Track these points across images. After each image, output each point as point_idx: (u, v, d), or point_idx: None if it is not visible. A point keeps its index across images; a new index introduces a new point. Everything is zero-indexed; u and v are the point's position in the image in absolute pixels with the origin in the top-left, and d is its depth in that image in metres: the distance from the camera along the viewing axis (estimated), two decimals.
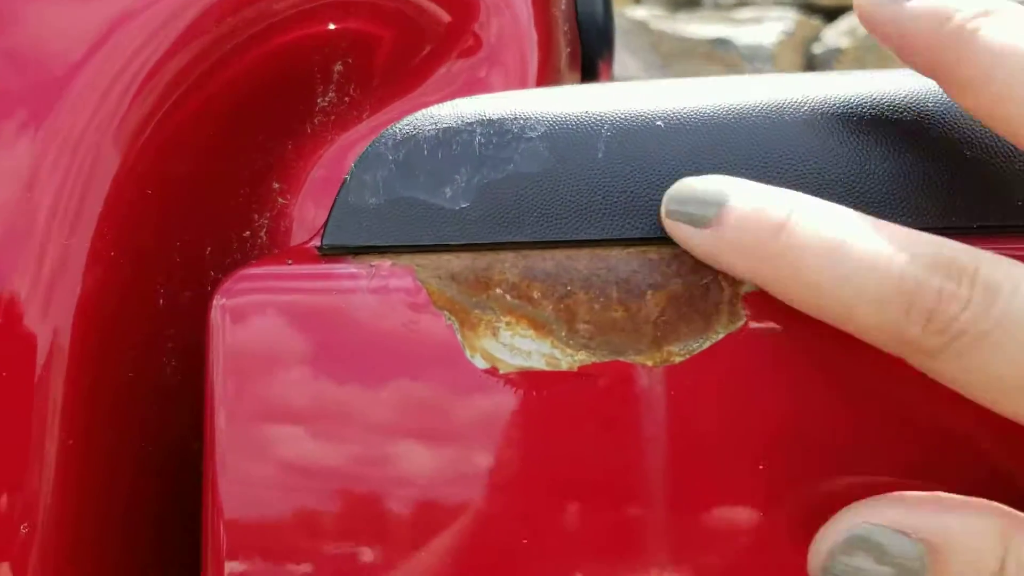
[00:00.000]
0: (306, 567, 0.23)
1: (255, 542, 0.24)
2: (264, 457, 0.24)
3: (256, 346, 0.24)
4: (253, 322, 0.24)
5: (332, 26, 0.29)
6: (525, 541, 0.23)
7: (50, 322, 0.26)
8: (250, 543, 0.24)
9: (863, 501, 0.21)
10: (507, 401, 0.23)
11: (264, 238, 0.30)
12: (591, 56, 0.38)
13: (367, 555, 0.23)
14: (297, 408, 0.23)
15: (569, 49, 0.35)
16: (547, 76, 0.32)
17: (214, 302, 0.24)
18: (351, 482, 0.23)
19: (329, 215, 0.24)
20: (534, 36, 0.31)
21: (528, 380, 0.23)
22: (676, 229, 0.22)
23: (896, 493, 0.21)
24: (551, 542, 0.23)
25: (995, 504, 0.20)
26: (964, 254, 0.19)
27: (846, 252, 0.20)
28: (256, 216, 0.30)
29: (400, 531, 0.23)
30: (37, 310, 0.25)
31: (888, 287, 0.19)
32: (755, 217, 0.21)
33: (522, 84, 0.32)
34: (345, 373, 0.23)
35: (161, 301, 0.28)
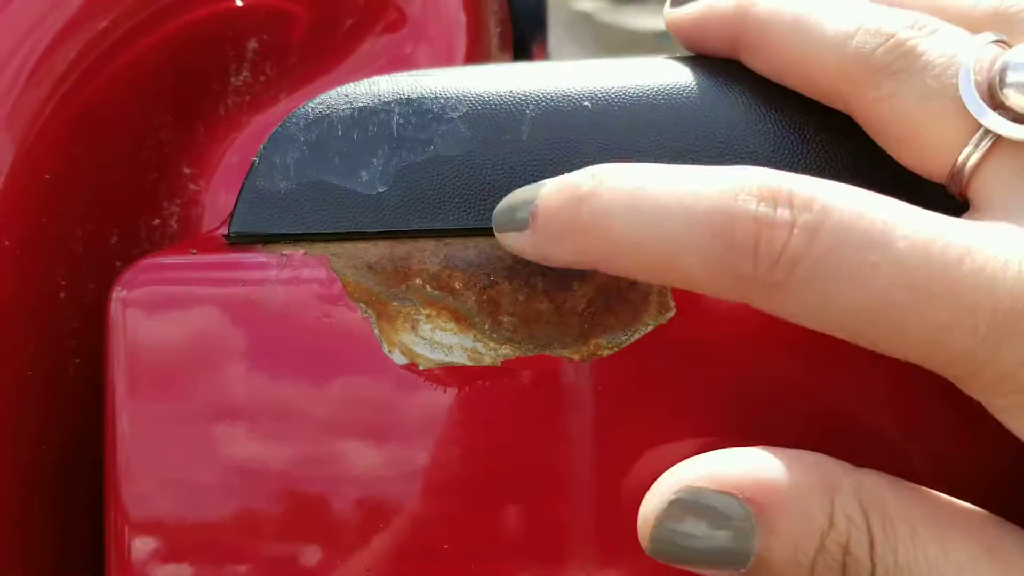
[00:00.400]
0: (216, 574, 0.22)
1: (161, 551, 0.22)
2: (168, 459, 0.22)
3: (158, 341, 0.22)
4: (155, 315, 0.22)
5: (240, 2, 0.27)
6: (446, 545, 0.21)
7: None
8: (156, 552, 0.22)
9: (685, 462, 0.19)
10: (427, 399, 0.21)
11: (175, 226, 0.28)
12: (523, 38, 0.37)
13: (278, 556, 0.22)
14: (203, 407, 0.22)
15: (500, 29, 0.33)
16: (476, 57, 0.31)
17: (113, 294, 0.22)
18: (263, 484, 0.22)
19: (237, 201, 0.23)
20: (461, 13, 0.30)
21: (450, 376, 0.21)
22: (506, 239, 0.21)
23: (720, 451, 0.19)
24: (474, 543, 0.21)
25: (819, 456, 0.19)
26: (773, 177, 0.18)
27: (646, 199, 0.18)
28: (166, 203, 0.28)
29: (314, 532, 0.22)
30: None
31: (699, 226, 0.18)
32: (562, 198, 0.19)
33: (450, 63, 0.30)
34: (254, 370, 0.22)
35: (62, 294, 0.26)
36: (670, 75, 0.23)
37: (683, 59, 0.24)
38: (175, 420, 0.22)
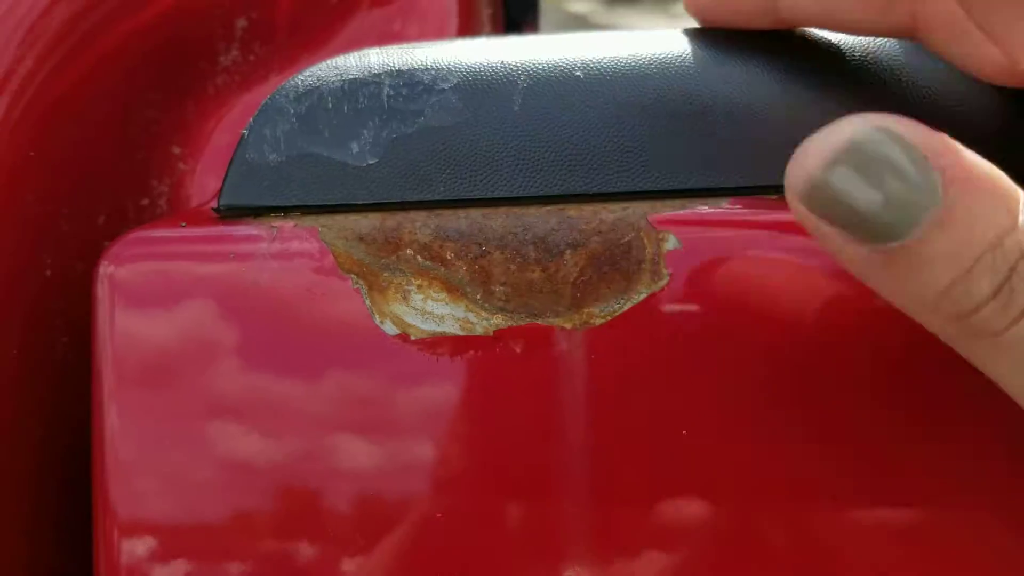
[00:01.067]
0: (200, 564, 0.22)
1: (148, 508, 0.22)
2: (156, 431, 0.22)
3: (146, 317, 0.22)
4: (143, 290, 0.22)
5: None
6: (439, 514, 0.21)
7: None
8: (143, 502, 0.22)
9: (866, 114, 0.16)
10: (420, 369, 0.21)
11: (164, 206, 0.28)
12: (515, 19, 0.37)
13: (265, 544, 0.21)
14: (192, 381, 0.22)
15: (491, 11, 0.33)
16: (468, 35, 0.31)
17: (100, 269, 0.22)
18: (253, 467, 0.22)
19: (227, 173, 0.22)
20: None
21: (442, 346, 0.21)
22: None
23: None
24: (465, 510, 0.21)
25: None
26: None
27: None
28: (155, 183, 0.28)
29: (302, 513, 0.21)
30: None
31: None
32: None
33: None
34: (244, 343, 0.21)
35: (48, 272, 0.26)
36: (661, 46, 0.23)
37: (673, 32, 0.24)
38: (164, 394, 0.22)
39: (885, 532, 0.21)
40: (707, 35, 0.23)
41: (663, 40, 0.23)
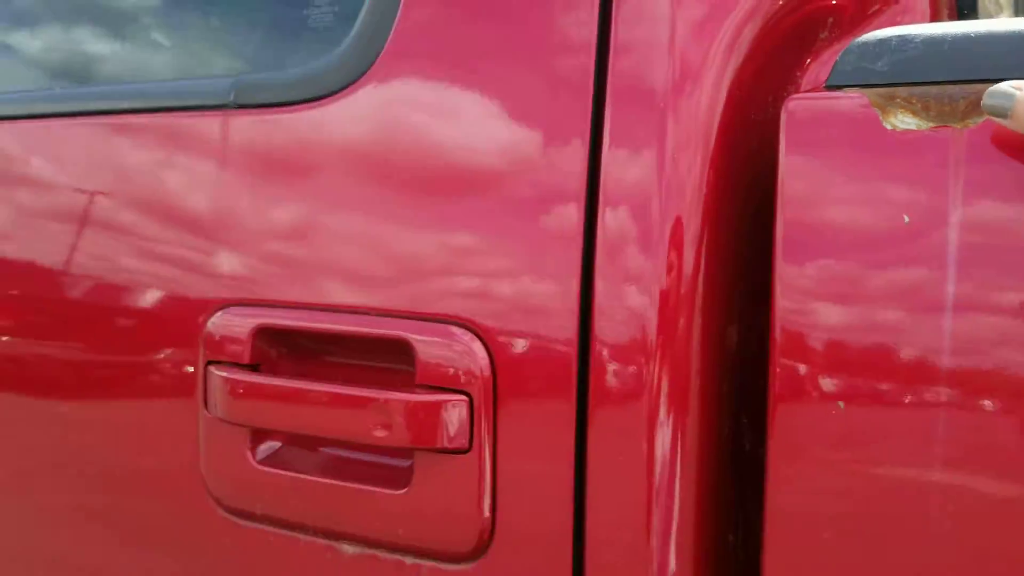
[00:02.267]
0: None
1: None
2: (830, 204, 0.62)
3: (807, 128, 0.62)
4: (802, 116, 0.62)
5: (834, 1, 0.68)
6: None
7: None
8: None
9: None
10: (895, 142, 0.59)
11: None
12: (962, 11, 0.73)
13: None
14: (835, 154, 0.62)
15: (947, 11, 0.69)
16: (936, 21, 0.67)
17: (783, 109, 0.63)
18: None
19: (830, 73, 0.62)
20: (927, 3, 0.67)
21: (907, 134, 0.59)
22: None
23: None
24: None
25: None
26: None
27: None
28: (790, 87, 0.69)
29: None
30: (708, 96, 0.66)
31: None
32: None
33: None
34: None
35: (753, 115, 0.68)
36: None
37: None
38: (826, 161, 0.62)
39: None
40: None
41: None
